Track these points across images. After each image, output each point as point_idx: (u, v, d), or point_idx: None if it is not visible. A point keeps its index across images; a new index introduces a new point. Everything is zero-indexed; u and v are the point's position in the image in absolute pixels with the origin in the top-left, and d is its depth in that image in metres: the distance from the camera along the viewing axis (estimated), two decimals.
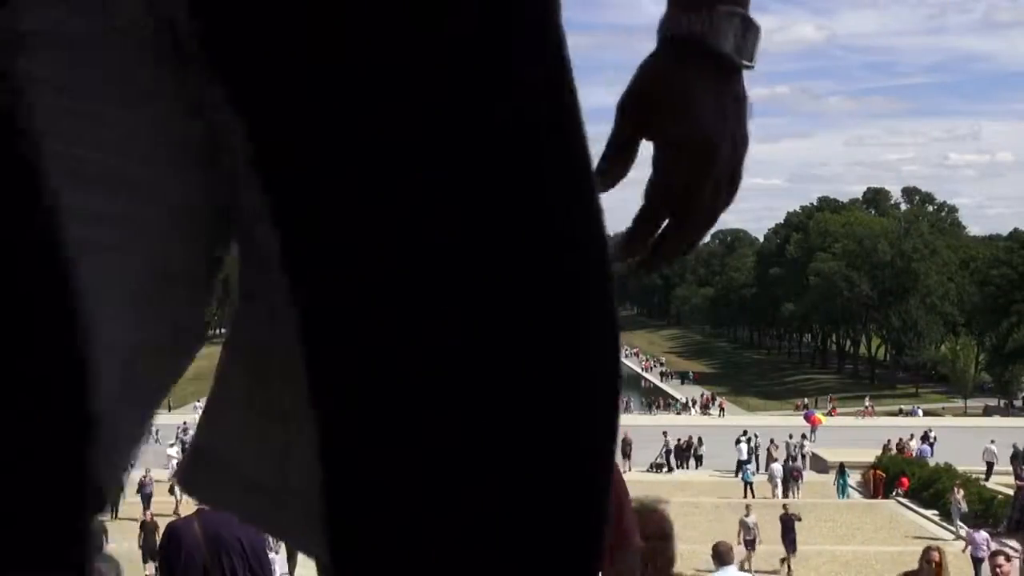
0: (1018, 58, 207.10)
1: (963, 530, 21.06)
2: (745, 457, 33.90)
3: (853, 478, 30.35)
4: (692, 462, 37.69)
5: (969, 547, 17.85)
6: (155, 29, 0.71)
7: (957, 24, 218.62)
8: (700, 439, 38.40)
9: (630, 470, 30.97)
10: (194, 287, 0.77)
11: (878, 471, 29.87)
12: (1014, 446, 34.65)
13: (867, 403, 65.77)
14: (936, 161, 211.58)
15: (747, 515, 20.89)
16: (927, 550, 9.27)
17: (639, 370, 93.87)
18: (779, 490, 29.30)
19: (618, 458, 4.02)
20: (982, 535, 17.67)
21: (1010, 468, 33.77)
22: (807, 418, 46.03)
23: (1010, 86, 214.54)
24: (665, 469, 35.57)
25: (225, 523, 4.52)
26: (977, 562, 16.81)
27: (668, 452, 36.43)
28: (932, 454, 36.17)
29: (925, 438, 39.94)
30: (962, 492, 23.95)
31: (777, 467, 30.17)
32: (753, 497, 28.52)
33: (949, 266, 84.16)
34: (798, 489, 29.31)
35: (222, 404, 0.85)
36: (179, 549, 4.79)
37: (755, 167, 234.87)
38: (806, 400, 68.00)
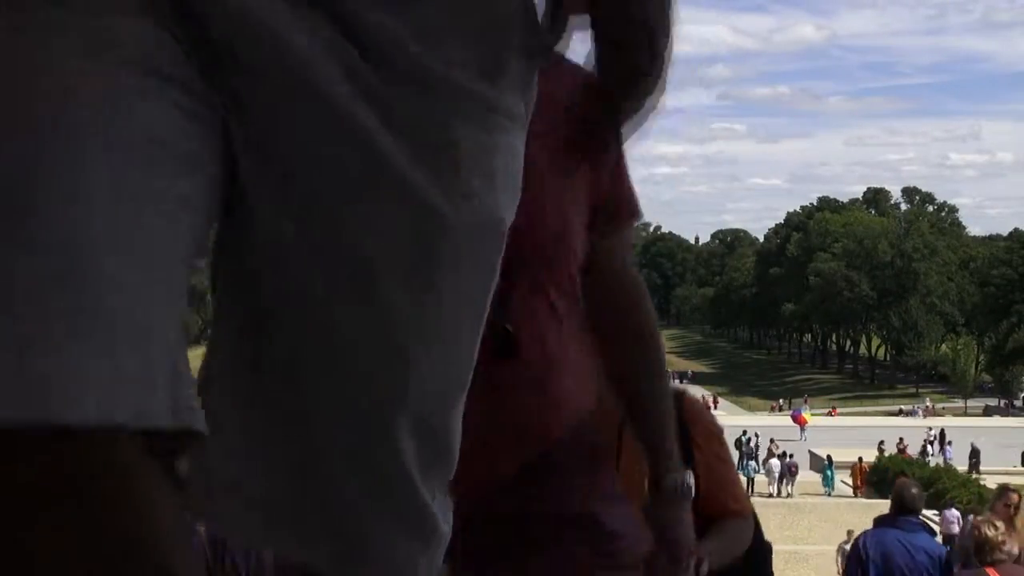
0: (1018, 58, 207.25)
1: None
2: None
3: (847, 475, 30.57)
4: None
5: (938, 527, 17.61)
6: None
7: (957, 24, 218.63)
8: None
9: None
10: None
11: (863, 465, 30.05)
12: (972, 444, 33.70)
13: (928, 403, 65.12)
14: (936, 161, 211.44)
15: (847, 542, 18.25)
16: (1005, 490, 7.60)
17: None
18: (775, 486, 29.50)
19: None
20: (953, 512, 17.59)
21: (1007, 465, 33.65)
22: (794, 418, 45.78)
23: (1010, 86, 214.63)
24: None
25: None
26: (948, 539, 16.73)
27: None
28: (935, 455, 35.99)
29: (943, 440, 38.50)
30: (916, 489, 23.82)
31: (775, 463, 30.33)
32: (752, 493, 28.59)
33: (949, 266, 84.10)
34: (793, 485, 29.49)
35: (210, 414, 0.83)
36: None
37: (755, 167, 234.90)
38: (781, 401, 67.23)
